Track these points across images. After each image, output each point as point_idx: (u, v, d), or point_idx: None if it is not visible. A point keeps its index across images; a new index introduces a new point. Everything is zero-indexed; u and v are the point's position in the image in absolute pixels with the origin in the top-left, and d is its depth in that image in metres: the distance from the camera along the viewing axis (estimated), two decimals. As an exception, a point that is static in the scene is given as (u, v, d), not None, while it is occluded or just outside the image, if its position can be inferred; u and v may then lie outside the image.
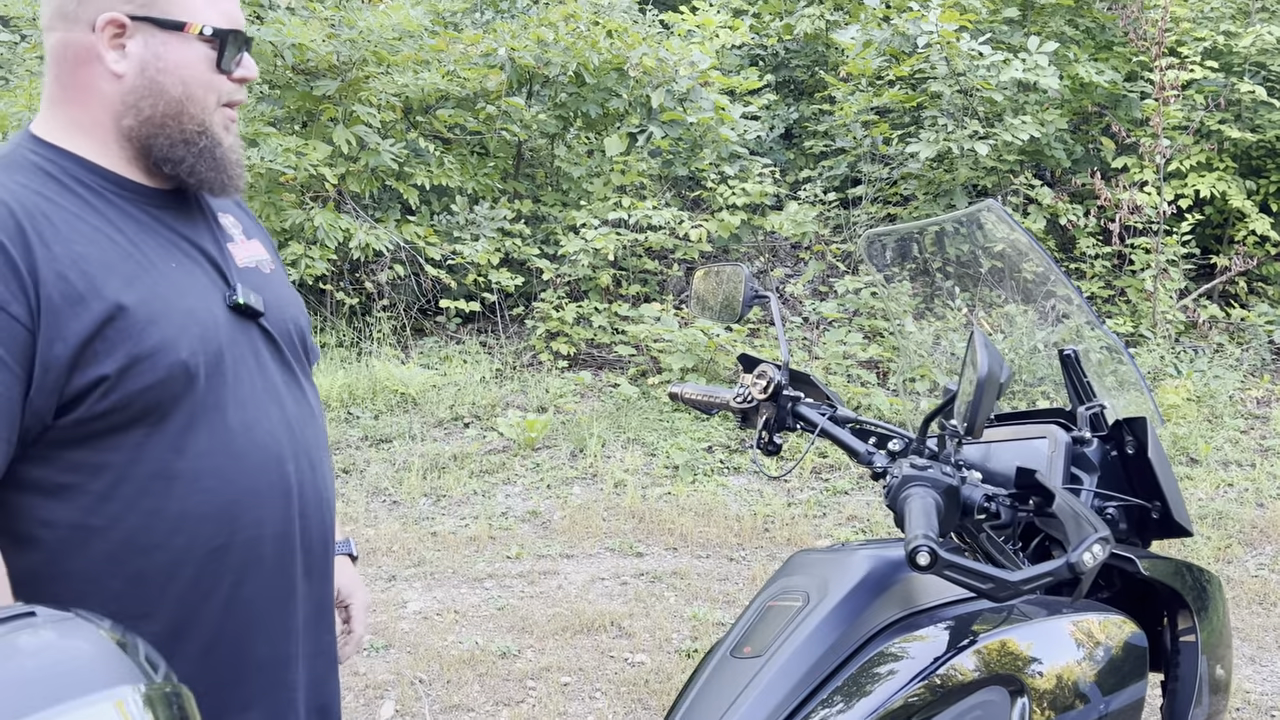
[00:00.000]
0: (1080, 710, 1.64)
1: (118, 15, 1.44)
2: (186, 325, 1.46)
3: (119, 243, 1.46)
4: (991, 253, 2.23)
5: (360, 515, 5.56)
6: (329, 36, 7.12)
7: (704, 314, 2.29)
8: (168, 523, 1.47)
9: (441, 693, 3.96)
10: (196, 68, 1.50)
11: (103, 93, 1.48)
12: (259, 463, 1.54)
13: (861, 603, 1.63)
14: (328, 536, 1.70)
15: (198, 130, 1.51)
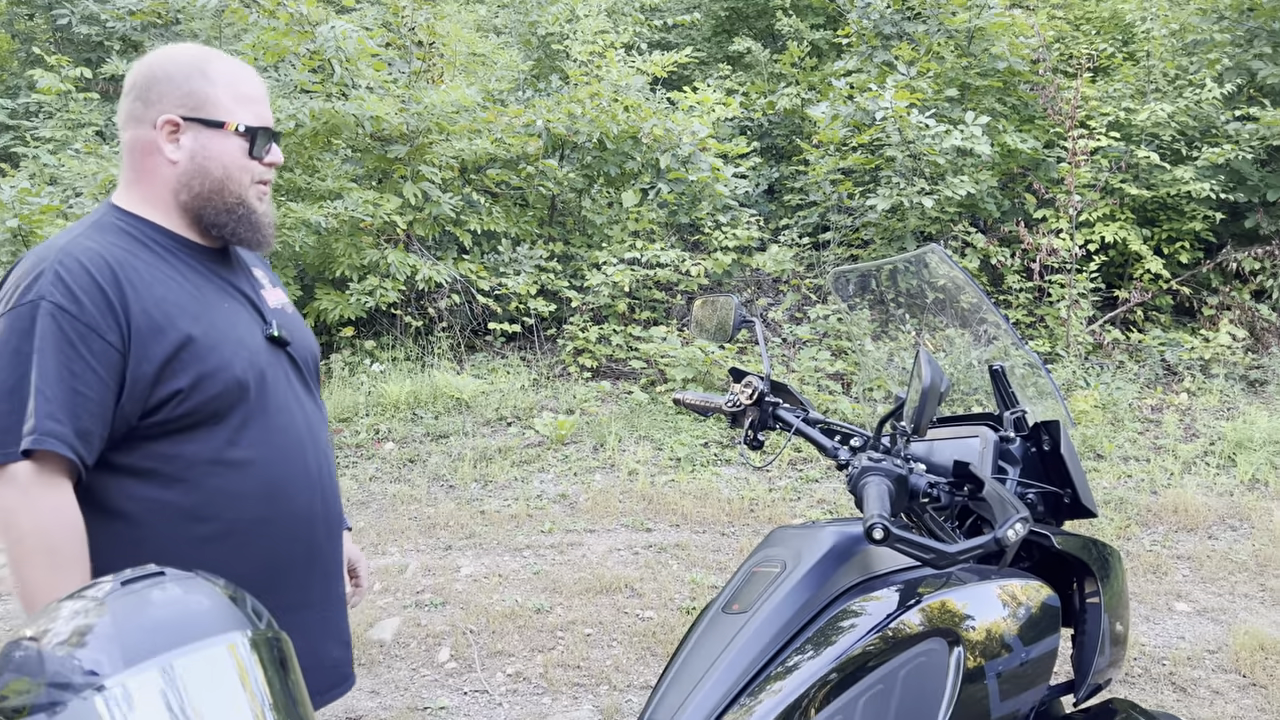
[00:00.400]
0: (1005, 658, 1.64)
1: (173, 116, 1.59)
2: (239, 351, 1.60)
3: (186, 288, 1.59)
4: (935, 286, 2.24)
5: (423, 497, 5.57)
6: (400, 110, 7.14)
7: (701, 335, 2.30)
8: (224, 499, 1.59)
9: (488, 640, 3.96)
10: (234, 155, 1.62)
11: (163, 175, 1.62)
12: (292, 454, 1.67)
13: (828, 569, 1.63)
14: (339, 510, 1.82)
15: (236, 202, 1.63)
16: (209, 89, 1.61)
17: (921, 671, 1.56)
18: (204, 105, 1.60)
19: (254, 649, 1.15)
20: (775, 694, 1.51)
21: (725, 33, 11.12)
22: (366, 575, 2.04)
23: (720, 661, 1.56)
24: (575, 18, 8.88)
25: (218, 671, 1.10)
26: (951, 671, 1.58)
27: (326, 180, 7.28)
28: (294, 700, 1.16)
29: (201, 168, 1.61)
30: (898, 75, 7.80)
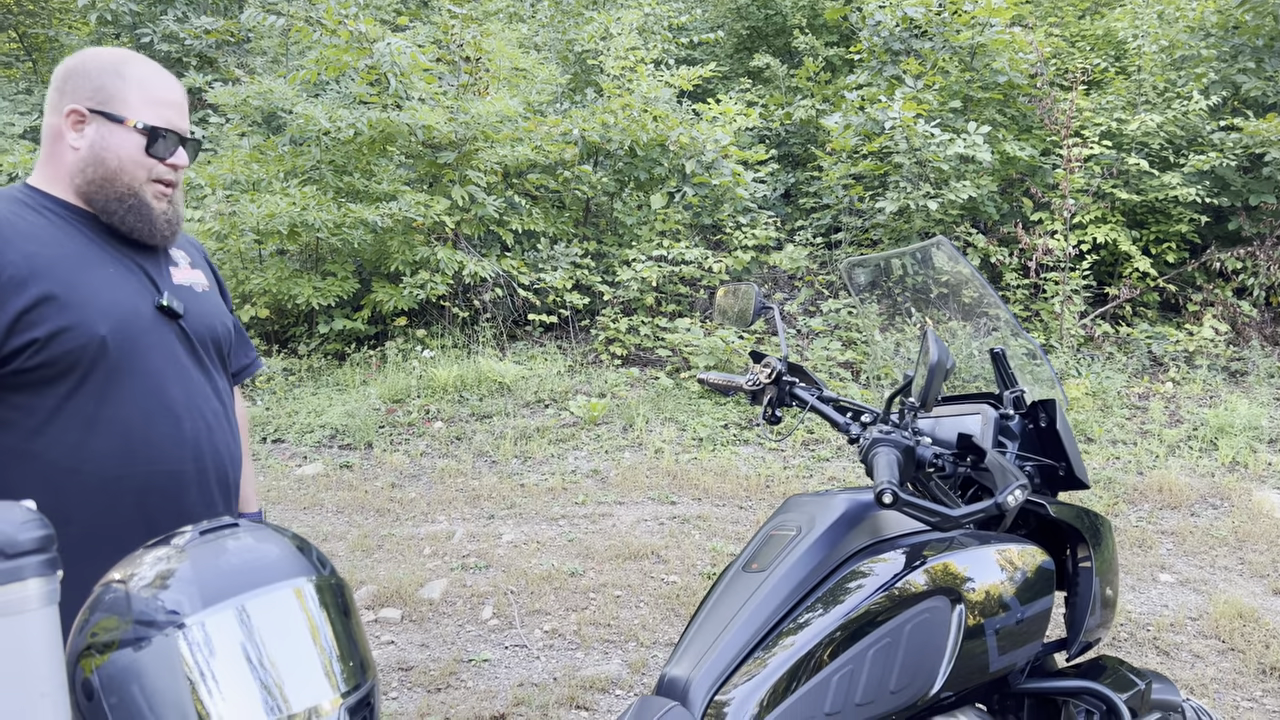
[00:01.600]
0: (1003, 616, 1.63)
1: (78, 107, 1.57)
2: (109, 311, 1.55)
3: (66, 249, 1.55)
4: (941, 276, 2.22)
5: (468, 471, 5.59)
6: (450, 120, 7.15)
7: (724, 320, 2.28)
8: (83, 454, 1.53)
9: (527, 600, 3.97)
10: (130, 150, 1.59)
11: (67, 160, 1.59)
12: (160, 418, 1.60)
13: (840, 533, 1.62)
14: (227, 479, 1.73)
15: (128, 193, 1.60)
16: (119, 86, 1.58)
17: (926, 627, 1.55)
18: (110, 100, 1.58)
19: (318, 593, 1.15)
20: (790, 646, 1.50)
21: (746, 50, 11.06)
22: None
23: (739, 615, 1.55)
24: (609, 35, 8.86)
25: (285, 612, 1.11)
26: (953, 627, 1.57)
27: (383, 184, 7.31)
28: (353, 639, 1.17)
29: (99, 157, 1.58)
30: (905, 88, 7.73)
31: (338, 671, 1.12)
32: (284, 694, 1.08)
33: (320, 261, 7.59)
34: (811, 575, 1.58)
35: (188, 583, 1.10)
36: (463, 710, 3.15)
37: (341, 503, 5.15)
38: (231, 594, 1.10)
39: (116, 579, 1.14)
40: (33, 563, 0.93)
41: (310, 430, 6.16)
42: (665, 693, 1.52)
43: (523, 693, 3.25)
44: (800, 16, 10.45)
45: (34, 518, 0.96)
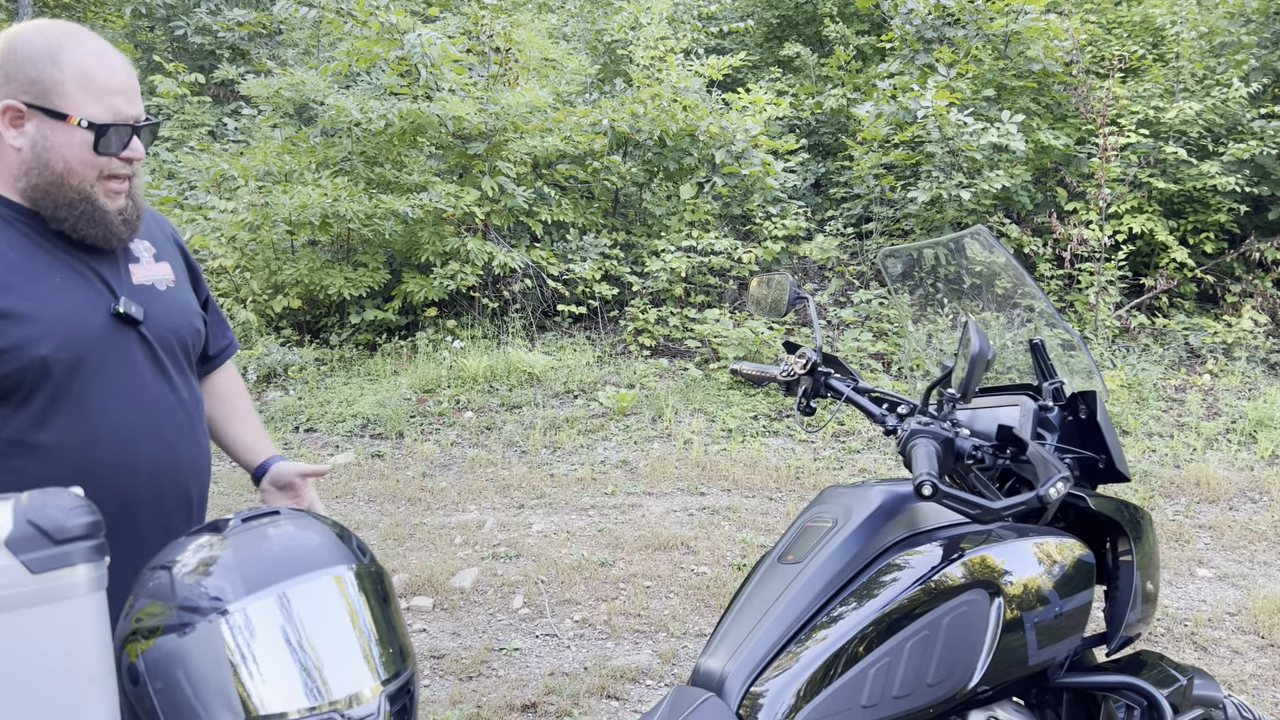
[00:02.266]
0: (1042, 609, 1.61)
1: (14, 103, 1.39)
2: (53, 327, 1.40)
3: (6, 257, 1.40)
4: (979, 265, 2.19)
5: (498, 460, 5.61)
6: (480, 111, 7.17)
7: (757, 310, 2.26)
8: (27, 480, 1.32)
9: (557, 590, 3.98)
10: (76, 150, 1.42)
11: (9, 159, 1.43)
12: (110, 441, 1.46)
13: (877, 524, 1.61)
14: (187, 496, 1.59)
15: (78, 197, 1.44)
16: (56, 77, 1.39)
17: (964, 620, 1.53)
18: (48, 94, 1.39)
19: (358, 580, 1.16)
20: (826, 638, 1.49)
21: (776, 38, 10.98)
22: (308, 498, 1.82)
23: (775, 607, 1.55)
24: (638, 25, 8.83)
25: (326, 599, 1.12)
26: (992, 620, 1.55)
27: (413, 174, 7.34)
28: (393, 627, 1.18)
29: (42, 159, 1.41)
30: (938, 77, 7.65)
31: (378, 658, 1.13)
32: (325, 680, 1.09)
33: (351, 252, 7.63)
34: (848, 567, 1.57)
35: (230, 570, 1.11)
36: (494, 699, 3.17)
37: (373, 491, 5.19)
38: (273, 581, 1.11)
39: (161, 565, 1.15)
40: (81, 548, 0.94)
41: (342, 420, 6.21)
42: (700, 683, 1.52)
43: (554, 682, 3.26)
44: (831, 5, 10.35)
45: (82, 504, 0.97)
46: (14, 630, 0.89)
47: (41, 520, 0.92)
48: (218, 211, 7.23)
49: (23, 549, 0.90)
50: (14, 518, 0.91)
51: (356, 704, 1.09)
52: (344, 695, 1.09)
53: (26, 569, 0.89)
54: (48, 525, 0.92)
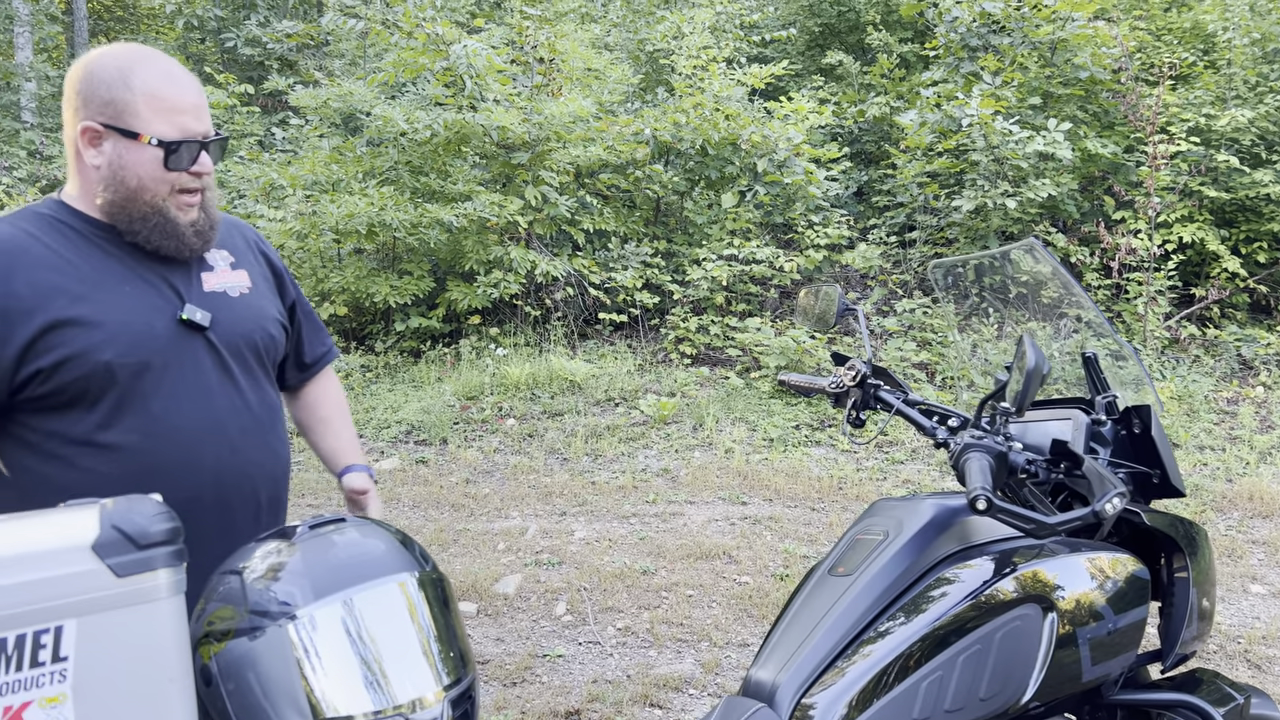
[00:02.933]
0: (1095, 626, 1.60)
1: (91, 124, 1.48)
2: (117, 334, 1.47)
3: (81, 270, 1.48)
4: (1032, 277, 2.18)
5: (540, 468, 5.65)
6: (523, 121, 7.24)
7: (805, 321, 2.26)
8: (94, 480, 1.45)
9: (599, 598, 4.00)
10: (149, 167, 1.49)
11: (89, 175, 1.52)
12: (174, 443, 1.52)
13: (928, 538, 1.61)
14: (254, 498, 1.63)
15: (151, 211, 1.51)
16: (129, 99, 1.47)
17: (1017, 634, 1.53)
18: (122, 115, 1.47)
19: (420, 587, 1.19)
20: (878, 651, 1.50)
21: (818, 47, 10.97)
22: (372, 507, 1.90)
23: (826, 619, 1.55)
24: (681, 35, 8.86)
25: (390, 605, 1.15)
26: (1045, 636, 1.54)
27: (458, 184, 7.42)
28: (453, 632, 1.20)
29: (118, 176, 1.49)
30: (983, 84, 7.59)
31: (440, 664, 1.15)
32: (390, 685, 1.11)
33: (397, 260, 7.74)
34: (899, 581, 1.57)
35: (299, 575, 1.14)
36: (538, 705, 3.19)
37: (417, 497, 5.25)
38: (340, 587, 1.14)
39: (231, 570, 1.19)
40: (163, 553, 0.98)
41: (387, 426, 6.28)
42: (751, 694, 1.53)
43: (597, 689, 3.28)
44: (874, 13, 10.32)
45: (163, 511, 1.01)
46: (100, 632, 0.92)
47: (126, 526, 0.96)
48: (266, 220, 7.36)
49: (109, 553, 0.94)
50: (100, 523, 0.95)
51: (420, 708, 1.11)
52: (408, 699, 1.11)
53: (112, 573, 0.93)
54: (132, 531, 0.96)
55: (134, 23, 16.06)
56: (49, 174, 10.43)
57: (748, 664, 3.45)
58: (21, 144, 11.47)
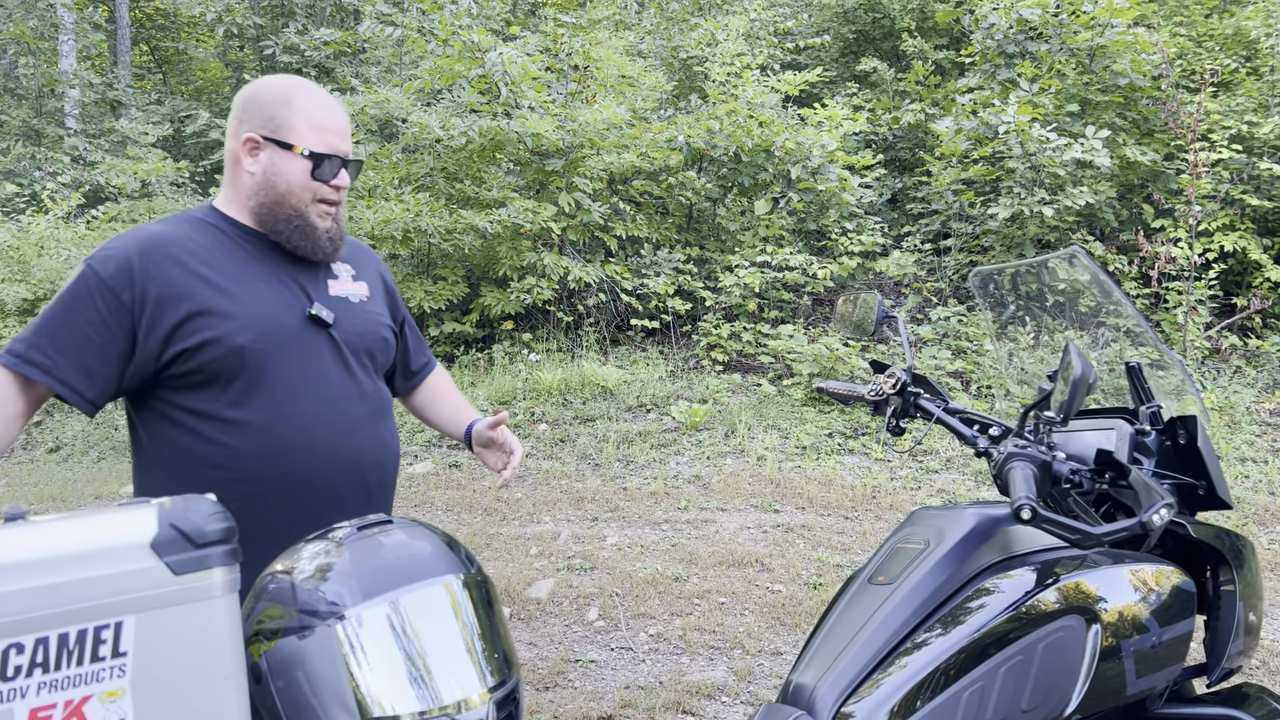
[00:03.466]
0: (1139, 638, 1.58)
1: (253, 135, 1.69)
2: (251, 323, 1.64)
3: (224, 267, 1.68)
4: (1075, 286, 2.16)
5: (572, 473, 5.67)
6: (558, 128, 7.28)
7: (843, 328, 2.26)
8: (226, 453, 1.64)
9: (631, 603, 4.01)
10: (297, 175, 1.70)
11: (244, 183, 1.72)
12: (295, 423, 1.68)
13: (970, 548, 1.60)
14: (364, 483, 1.77)
15: (295, 214, 1.71)
16: (287, 115, 1.69)
17: (1060, 646, 1.51)
18: (280, 129, 1.69)
19: (465, 589, 1.20)
20: (919, 660, 1.49)
21: (853, 54, 10.94)
22: (519, 456, 2.01)
23: (866, 628, 1.54)
24: (715, 42, 8.87)
25: (437, 606, 1.16)
26: (1088, 648, 1.53)
27: (492, 190, 7.48)
28: (497, 634, 1.21)
29: (270, 181, 1.70)
30: (1020, 91, 7.53)
31: (485, 665, 1.16)
32: (435, 685, 1.12)
33: (431, 266, 7.80)
34: (940, 590, 1.56)
35: (347, 576, 1.16)
36: (571, 709, 3.20)
37: (450, 501, 5.29)
38: (387, 588, 1.15)
39: (280, 570, 1.20)
40: (218, 552, 0.99)
41: (421, 429, 6.33)
42: (791, 701, 1.53)
43: (629, 695, 3.28)
44: (909, 20, 10.28)
45: (219, 510, 1.03)
46: (158, 628, 0.94)
47: (183, 524, 0.98)
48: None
49: (166, 551, 0.96)
50: (158, 521, 0.97)
51: (465, 709, 1.12)
52: (453, 700, 1.12)
53: (170, 570, 0.95)
54: (189, 529, 0.98)
55: (175, 31, 16.32)
56: (91, 179, 10.63)
57: (781, 672, 3.44)
58: (65, 150, 11.69)
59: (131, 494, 1.61)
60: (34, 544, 0.93)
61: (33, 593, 0.90)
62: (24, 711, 0.88)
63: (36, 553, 0.92)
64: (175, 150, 12.66)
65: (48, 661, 0.89)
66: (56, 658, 0.90)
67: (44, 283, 8.23)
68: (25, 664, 0.88)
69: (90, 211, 9.97)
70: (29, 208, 10.22)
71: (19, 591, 0.89)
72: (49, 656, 0.89)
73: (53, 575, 0.91)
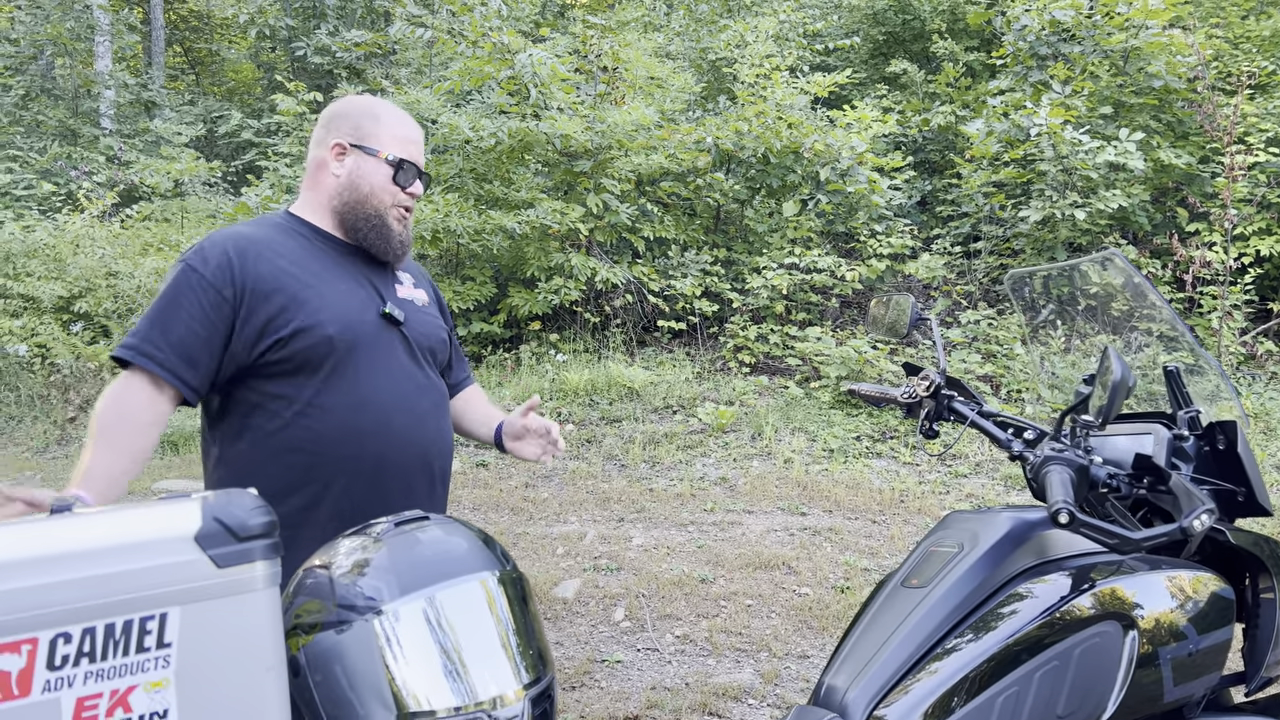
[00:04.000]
0: (1176, 645, 1.56)
1: (341, 141, 1.85)
2: (336, 316, 1.77)
3: (309, 266, 1.81)
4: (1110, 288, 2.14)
5: (599, 473, 5.68)
6: (586, 129, 7.29)
7: (875, 330, 2.25)
8: (310, 436, 1.75)
9: (658, 605, 4.01)
10: (380, 178, 1.85)
11: (327, 186, 1.87)
12: (373, 408, 1.80)
13: (1004, 552, 1.59)
14: (430, 468, 1.89)
15: (374, 214, 1.86)
16: (373, 126, 1.86)
17: (1096, 651, 1.50)
18: (367, 137, 1.85)
19: (501, 585, 1.21)
20: (952, 664, 1.48)
21: (882, 55, 10.88)
22: (558, 437, 2.06)
23: (900, 631, 1.54)
24: (744, 43, 8.86)
25: (473, 603, 1.17)
26: (1125, 654, 1.51)
27: (521, 191, 7.50)
28: (532, 631, 1.22)
29: (354, 183, 1.85)
30: (1052, 94, 7.47)
31: (521, 662, 1.17)
32: (471, 681, 1.13)
33: (460, 266, 7.84)
34: (974, 594, 1.55)
35: (385, 571, 1.17)
36: (597, 709, 3.20)
37: (477, 500, 5.31)
38: (424, 584, 1.16)
39: (318, 565, 1.22)
40: (260, 546, 1.01)
41: (448, 429, 6.36)
42: (823, 703, 1.52)
43: (655, 696, 3.28)
44: (939, 21, 10.22)
45: (261, 505, 1.04)
46: (201, 620, 0.95)
47: (227, 518, 0.99)
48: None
49: (210, 544, 0.97)
50: (202, 515, 0.98)
51: (501, 705, 1.13)
52: (489, 697, 1.13)
53: (214, 563, 0.96)
54: (232, 523, 0.99)
55: (208, 32, 16.51)
56: (126, 179, 10.77)
57: (808, 676, 3.43)
58: (100, 149, 11.86)
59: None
60: (81, 536, 0.94)
61: (80, 583, 0.91)
62: (71, 701, 0.90)
63: (83, 544, 0.93)
64: (208, 150, 12.81)
65: (94, 651, 0.91)
66: (103, 648, 0.91)
67: (79, 280, 8.35)
68: (73, 654, 0.90)
69: (124, 210, 10.11)
70: (65, 206, 10.37)
71: (67, 582, 0.91)
72: (96, 646, 0.91)
73: (99, 567, 0.92)
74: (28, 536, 0.92)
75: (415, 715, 1.10)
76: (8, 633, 0.87)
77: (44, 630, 0.89)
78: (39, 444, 7.29)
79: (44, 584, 0.89)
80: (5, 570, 0.88)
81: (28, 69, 12.70)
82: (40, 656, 0.88)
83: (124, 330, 8.08)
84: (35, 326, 8.06)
